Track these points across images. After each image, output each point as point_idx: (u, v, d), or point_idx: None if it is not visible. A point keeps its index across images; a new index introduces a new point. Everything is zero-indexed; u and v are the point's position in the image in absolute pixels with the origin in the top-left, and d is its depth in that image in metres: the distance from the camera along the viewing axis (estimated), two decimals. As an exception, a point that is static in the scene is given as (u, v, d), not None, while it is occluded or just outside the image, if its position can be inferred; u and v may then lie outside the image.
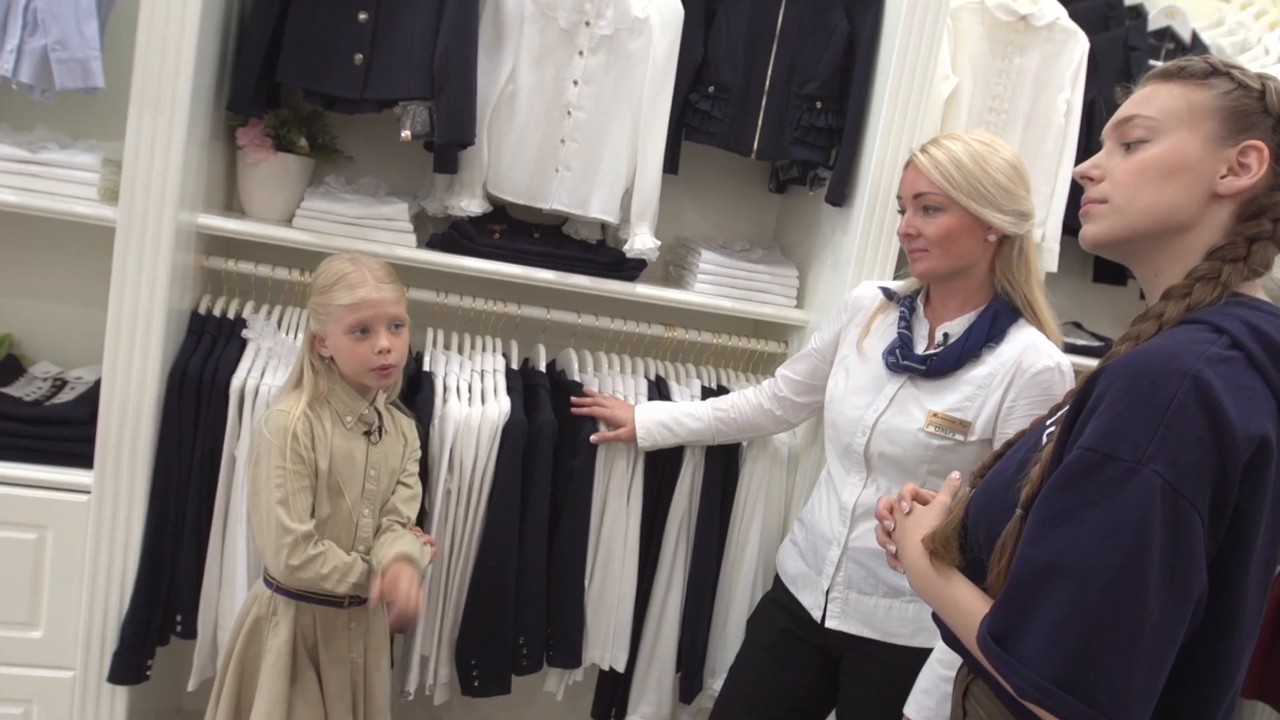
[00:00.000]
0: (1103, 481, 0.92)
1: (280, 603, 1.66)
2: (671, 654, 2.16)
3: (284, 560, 1.58)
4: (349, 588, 1.64)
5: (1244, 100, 1.03)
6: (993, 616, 0.99)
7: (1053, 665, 0.91)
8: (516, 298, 2.17)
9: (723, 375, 2.32)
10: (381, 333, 1.64)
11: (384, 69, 1.88)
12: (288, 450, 1.58)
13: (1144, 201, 1.05)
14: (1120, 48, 2.33)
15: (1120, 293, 2.70)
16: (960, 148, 1.59)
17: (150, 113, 1.73)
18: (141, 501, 1.85)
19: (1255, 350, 0.95)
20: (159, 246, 1.77)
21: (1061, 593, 0.92)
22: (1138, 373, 0.94)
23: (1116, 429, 0.92)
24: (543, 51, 2.01)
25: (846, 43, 2.10)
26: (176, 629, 1.93)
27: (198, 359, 1.89)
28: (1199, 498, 0.90)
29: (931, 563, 1.15)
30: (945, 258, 1.62)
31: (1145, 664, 0.90)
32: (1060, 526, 0.94)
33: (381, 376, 1.67)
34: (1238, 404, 0.91)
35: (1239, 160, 1.02)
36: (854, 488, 1.72)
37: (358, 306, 1.61)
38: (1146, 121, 1.06)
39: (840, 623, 1.72)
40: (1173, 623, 0.91)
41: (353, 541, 1.68)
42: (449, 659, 2.05)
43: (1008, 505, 1.06)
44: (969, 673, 1.19)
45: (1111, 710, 0.89)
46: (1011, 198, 1.59)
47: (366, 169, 2.25)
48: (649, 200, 2.10)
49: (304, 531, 1.59)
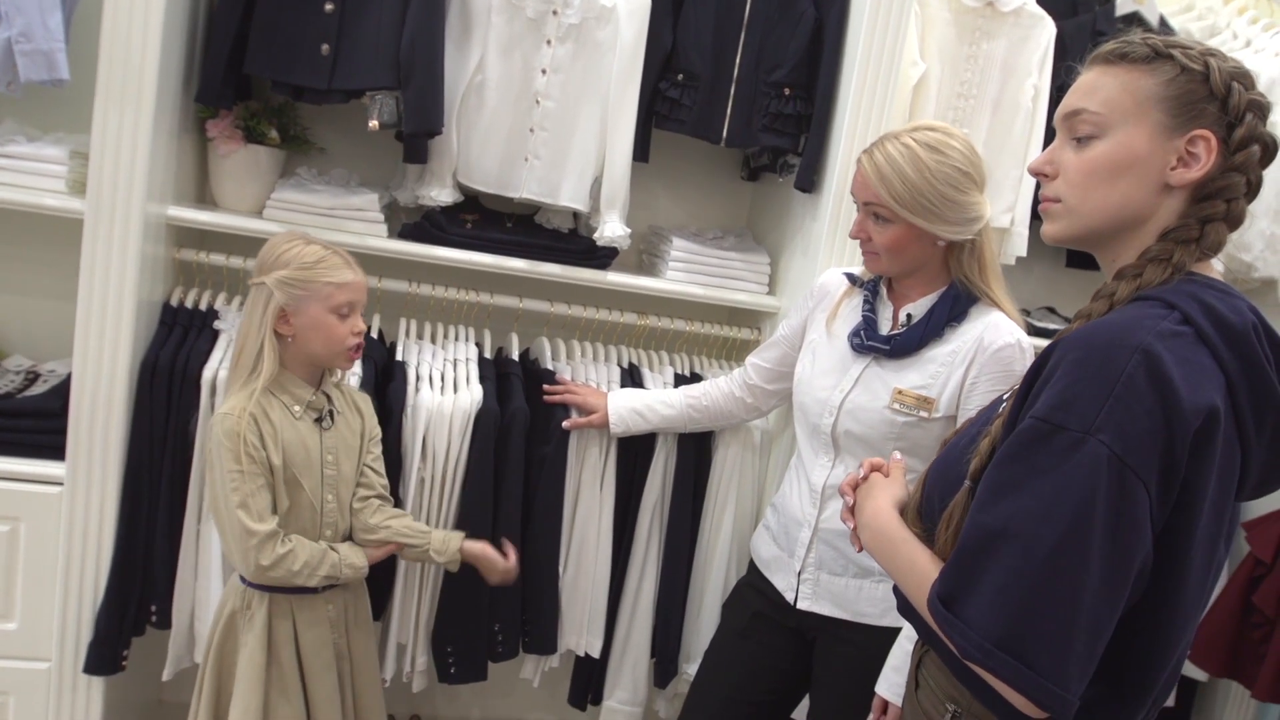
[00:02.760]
0: (1051, 451, 0.94)
1: (254, 596, 1.67)
2: (646, 640, 2.17)
3: (253, 562, 1.58)
4: (320, 580, 1.65)
5: (1189, 86, 1.02)
6: (941, 580, 1.01)
7: (995, 627, 0.93)
8: (489, 287, 2.18)
9: (696, 362, 2.33)
10: (359, 315, 1.68)
11: (351, 59, 1.89)
12: (241, 453, 1.58)
13: (1095, 202, 1.06)
14: (1088, 33, 2.34)
15: (1094, 277, 2.71)
16: (905, 156, 1.55)
17: (116, 104, 1.73)
18: (114, 492, 1.86)
19: (1205, 326, 0.97)
20: (127, 238, 1.78)
21: (1007, 558, 0.94)
22: (1090, 346, 0.96)
23: (1067, 400, 0.94)
24: (510, 41, 2.01)
25: (814, 30, 2.11)
26: (152, 619, 1.94)
27: (169, 350, 1.89)
28: (1145, 469, 0.92)
29: (887, 525, 1.17)
30: (895, 263, 1.65)
31: (1085, 629, 0.92)
32: (1009, 494, 0.96)
33: (352, 357, 1.70)
34: (1186, 378, 0.93)
35: (1188, 150, 1.02)
36: (823, 468, 1.73)
37: (347, 288, 1.65)
38: (1093, 117, 1.05)
39: (812, 604, 1.74)
40: (1113, 590, 0.93)
41: (319, 528, 1.69)
42: (426, 646, 2.06)
43: (960, 477, 1.08)
44: (922, 645, 1.20)
45: (1050, 673, 0.91)
46: (958, 207, 1.57)
47: (338, 160, 2.25)
48: (618, 188, 2.11)
49: (267, 531, 1.59)
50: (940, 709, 1.11)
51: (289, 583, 1.63)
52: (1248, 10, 2.58)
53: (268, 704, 1.65)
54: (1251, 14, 2.57)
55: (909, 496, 1.24)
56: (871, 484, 1.26)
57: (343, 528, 1.73)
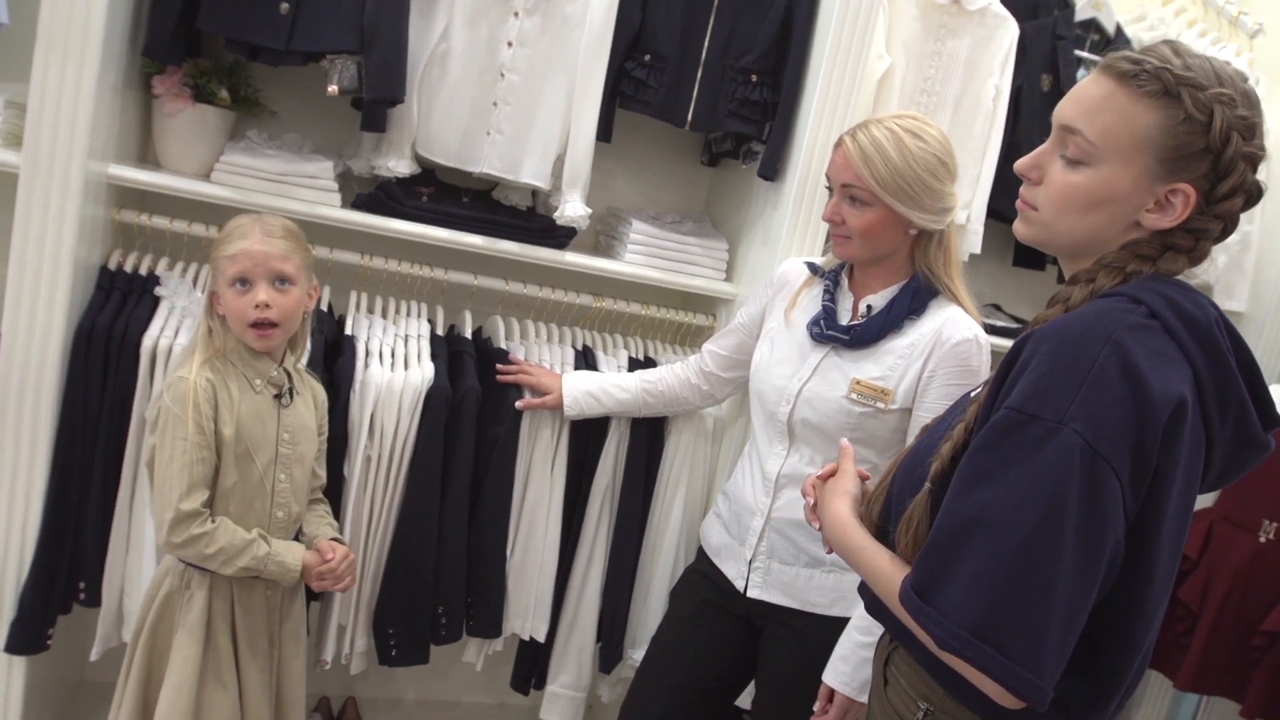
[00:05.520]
0: (1025, 440, 0.95)
1: (194, 576, 1.60)
2: (592, 624, 2.16)
3: (164, 536, 1.52)
4: (237, 570, 1.55)
5: (1187, 137, 1.00)
6: (915, 571, 1.01)
7: (970, 616, 0.94)
8: (443, 263, 2.13)
9: (650, 347, 2.31)
10: (260, 286, 1.56)
11: (311, 19, 1.81)
12: (189, 420, 1.51)
13: (1066, 226, 1.07)
14: (1048, 36, 2.38)
15: (1039, 276, 2.77)
16: (889, 140, 1.58)
17: (59, 54, 1.64)
18: (43, 464, 1.77)
19: (1171, 320, 0.99)
20: (66, 196, 1.69)
21: (981, 546, 0.95)
22: (1062, 338, 0.97)
23: (1040, 390, 0.96)
24: (477, 11, 1.96)
25: (784, 17, 2.09)
26: (80, 597, 1.86)
27: (106, 316, 1.81)
28: (1117, 458, 0.93)
29: (844, 531, 1.18)
30: (867, 247, 1.66)
31: (1060, 617, 0.93)
32: (983, 483, 0.97)
33: (260, 335, 1.58)
34: (1155, 369, 0.95)
35: (1166, 198, 1.02)
36: (777, 457, 1.74)
37: (237, 258, 1.55)
38: (1086, 145, 1.04)
39: (762, 592, 1.75)
40: (1087, 578, 0.94)
41: (269, 508, 1.63)
42: (366, 628, 2.02)
43: (922, 479, 1.09)
44: (890, 641, 1.21)
45: (1026, 660, 0.92)
46: (935, 195, 1.61)
47: (290, 125, 2.17)
48: (581, 167, 2.07)
49: (189, 510, 1.51)
50: (912, 707, 1.12)
51: (203, 565, 1.56)
52: (1197, 24, 2.65)
53: (201, 691, 1.58)
54: (1201, 27, 2.64)
55: (866, 492, 1.25)
56: (829, 486, 1.27)
57: (295, 511, 1.67)
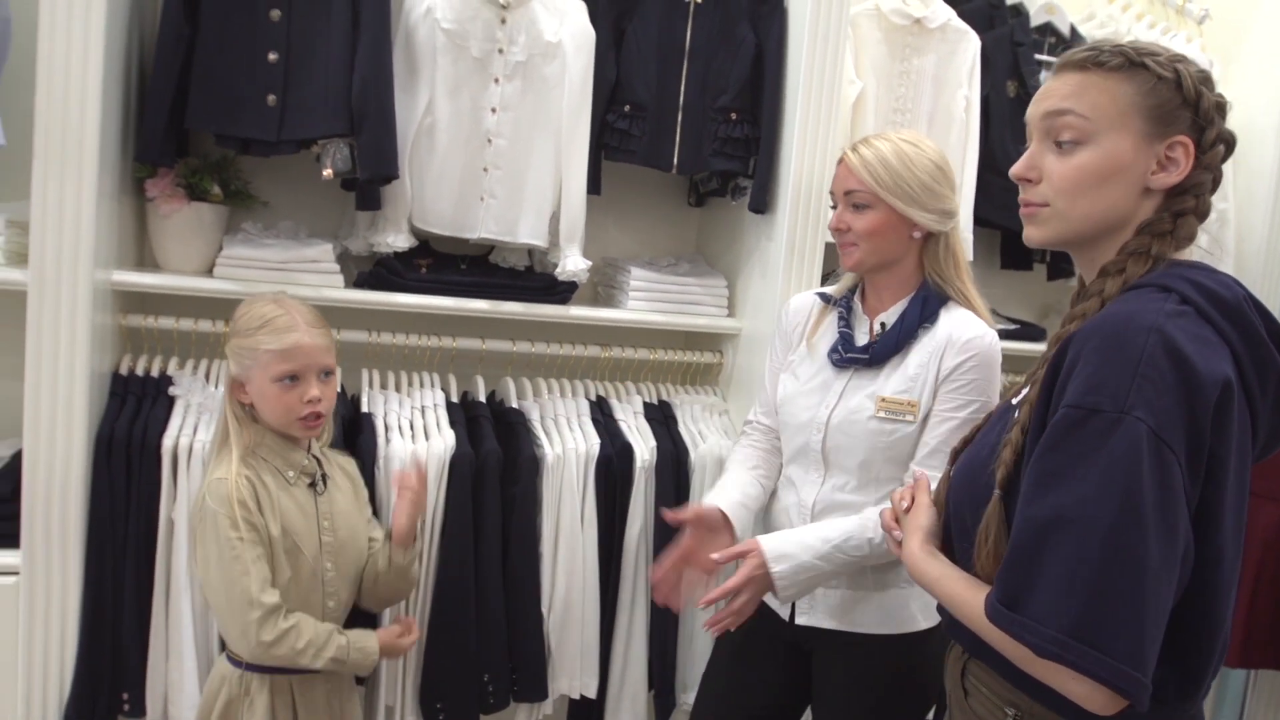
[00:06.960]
0: (1090, 434, 0.95)
1: (253, 681, 1.55)
2: (642, 674, 2.14)
3: (254, 638, 1.47)
4: (325, 663, 1.53)
5: (1165, 94, 1.06)
6: (998, 585, 1.01)
7: (1066, 618, 0.92)
8: (450, 331, 2.14)
9: (662, 390, 2.32)
10: (312, 381, 1.55)
11: (300, 108, 1.84)
12: (238, 520, 1.48)
13: (1084, 208, 1.09)
14: (1008, 44, 2.45)
15: (1027, 277, 2.81)
16: (889, 148, 1.65)
17: (57, 169, 1.66)
18: (76, 577, 1.75)
19: (1202, 303, 1.01)
20: (76, 307, 1.69)
21: (1065, 546, 0.94)
22: (1105, 334, 0.99)
23: (1095, 383, 0.96)
24: (458, 81, 2.00)
25: (754, 55, 2.15)
26: (124, 708, 1.83)
27: (124, 421, 1.80)
28: (1176, 443, 0.94)
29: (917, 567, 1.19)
30: (873, 252, 1.69)
31: (1152, 608, 0.92)
32: (1055, 483, 0.97)
33: (308, 427, 1.57)
34: (1199, 353, 0.96)
35: (1167, 156, 1.07)
36: (813, 485, 1.74)
37: (289, 354, 1.52)
38: (1079, 121, 1.08)
39: (809, 618, 1.74)
40: (1169, 565, 0.94)
41: (323, 599, 1.60)
42: (414, 706, 1.99)
43: (987, 488, 1.09)
44: (963, 653, 1.20)
45: (1128, 656, 0.90)
46: (935, 197, 1.66)
47: (282, 213, 2.19)
48: (576, 222, 2.10)
49: (272, 604, 1.48)
50: (999, 714, 1.11)
51: (293, 663, 1.51)
52: (1145, 16, 2.73)
53: None
54: (1149, 19, 2.72)
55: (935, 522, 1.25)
56: (909, 522, 1.26)
57: (345, 599, 1.65)
